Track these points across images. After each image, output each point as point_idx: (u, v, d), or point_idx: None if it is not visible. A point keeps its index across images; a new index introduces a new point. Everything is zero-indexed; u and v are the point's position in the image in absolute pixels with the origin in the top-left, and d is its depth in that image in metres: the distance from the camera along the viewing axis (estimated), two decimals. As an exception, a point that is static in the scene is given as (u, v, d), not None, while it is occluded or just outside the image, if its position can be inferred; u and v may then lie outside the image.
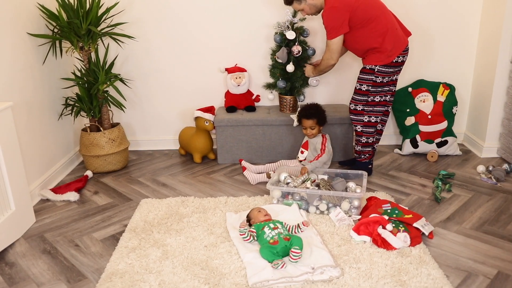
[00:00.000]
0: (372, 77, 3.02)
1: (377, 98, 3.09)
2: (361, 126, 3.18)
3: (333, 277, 2.09)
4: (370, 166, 3.30)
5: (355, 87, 3.12)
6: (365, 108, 3.12)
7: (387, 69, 3.00)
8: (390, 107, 3.37)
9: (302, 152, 3.28)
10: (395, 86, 3.19)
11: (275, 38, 3.39)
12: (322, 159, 3.11)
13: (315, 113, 3.14)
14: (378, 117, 3.16)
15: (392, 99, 3.27)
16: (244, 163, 3.40)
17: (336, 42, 2.97)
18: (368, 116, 3.13)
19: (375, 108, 3.12)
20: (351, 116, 3.20)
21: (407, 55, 3.06)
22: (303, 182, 2.85)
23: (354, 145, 3.32)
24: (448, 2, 3.57)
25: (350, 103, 3.18)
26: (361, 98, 3.10)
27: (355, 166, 3.29)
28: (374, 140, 3.24)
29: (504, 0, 3.25)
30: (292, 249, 2.16)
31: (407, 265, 2.20)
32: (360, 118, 3.16)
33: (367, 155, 3.26)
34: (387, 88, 3.11)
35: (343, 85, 3.79)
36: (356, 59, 3.60)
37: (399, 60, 3.00)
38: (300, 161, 3.26)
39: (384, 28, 2.92)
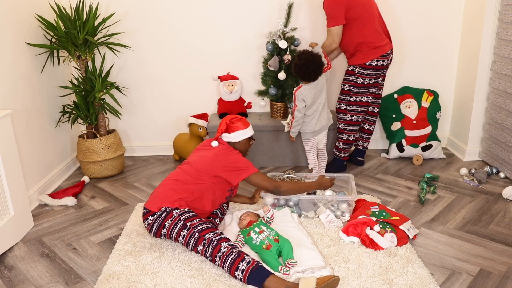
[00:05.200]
0: (353, 78, 3.19)
1: (358, 99, 3.23)
2: (343, 124, 3.33)
3: (324, 276, 2.12)
4: (345, 163, 3.49)
5: (340, 87, 3.31)
6: (348, 108, 3.27)
7: (366, 71, 3.14)
8: (377, 108, 3.43)
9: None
10: (379, 89, 3.28)
11: (267, 47, 3.43)
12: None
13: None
14: (360, 116, 3.30)
15: (378, 101, 3.41)
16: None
17: (335, 29, 3.09)
18: (350, 115, 3.27)
19: (357, 108, 3.27)
20: (336, 115, 3.38)
21: (388, 60, 3.14)
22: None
23: (336, 142, 3.44)
24: (430, 13, 3.64)
25: (336, 102, 3.36)
26: (344, 97, 3.28)
27: (333, 162, 3.47)
28: (355, 138, 3.38)
29: (483, 11, 3.32)
30: (289, 263, 2.13)
31: (394, 264, 2.23)
32: (343, 116, 3.32)
33: (346, 154, 3.42)
34: (369, 90, 3.23)
35: (334, 90, 3.83)
36: (342, 66, 3.64)
37: (379, 64, 3.12)
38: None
39: (364, 29, 3.06)
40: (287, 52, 3.38)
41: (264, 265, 2.12)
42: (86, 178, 3.39)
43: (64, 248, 2.49)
